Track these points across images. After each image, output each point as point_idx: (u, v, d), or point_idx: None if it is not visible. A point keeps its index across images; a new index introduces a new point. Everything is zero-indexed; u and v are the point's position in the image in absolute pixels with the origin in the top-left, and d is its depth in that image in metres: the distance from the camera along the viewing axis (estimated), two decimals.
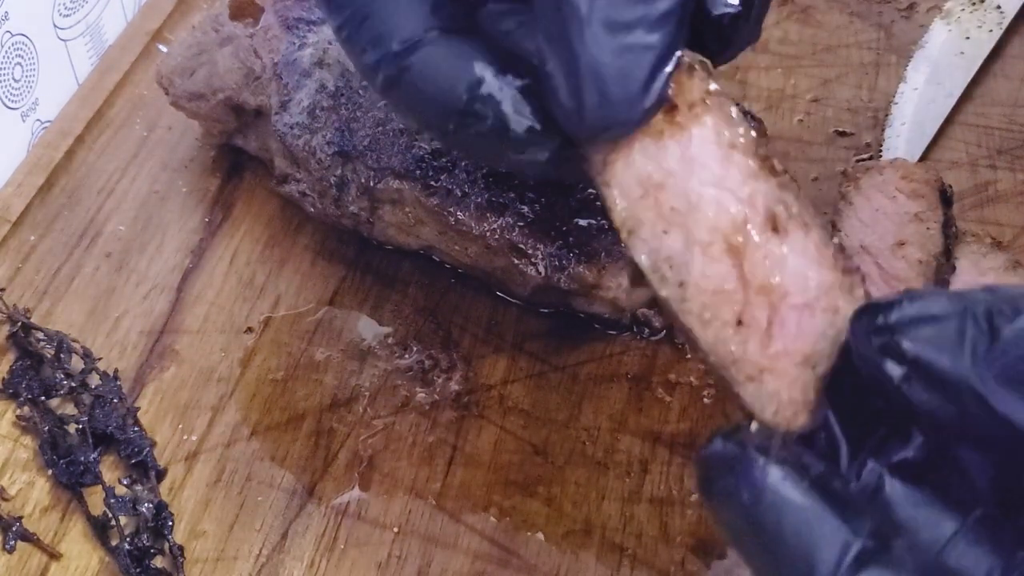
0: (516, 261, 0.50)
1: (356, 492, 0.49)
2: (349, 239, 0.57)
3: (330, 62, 0.55)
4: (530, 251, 0.50)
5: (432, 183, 0.51)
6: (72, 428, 0.50)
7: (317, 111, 0.54)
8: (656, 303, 0.54)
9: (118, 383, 0.52)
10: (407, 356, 0.53)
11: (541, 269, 0.50)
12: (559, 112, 0.36)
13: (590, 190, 0.50)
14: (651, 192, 0.36)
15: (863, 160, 0.59)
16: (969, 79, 0.63)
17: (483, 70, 0.38)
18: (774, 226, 0.35)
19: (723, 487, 0.33)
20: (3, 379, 0.52)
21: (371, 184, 0.53)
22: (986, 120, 0.62)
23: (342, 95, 0.54)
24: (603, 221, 0.50)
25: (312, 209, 0.55)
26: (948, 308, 0.31)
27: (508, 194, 0.50)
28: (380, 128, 0.53)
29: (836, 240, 0.36)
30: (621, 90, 0.35)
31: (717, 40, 0.40)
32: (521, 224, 0.50)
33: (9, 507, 0.48)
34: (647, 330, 0.53)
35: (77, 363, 0.53)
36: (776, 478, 0.32)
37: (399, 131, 0.53)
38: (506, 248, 0.50)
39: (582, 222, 0.50)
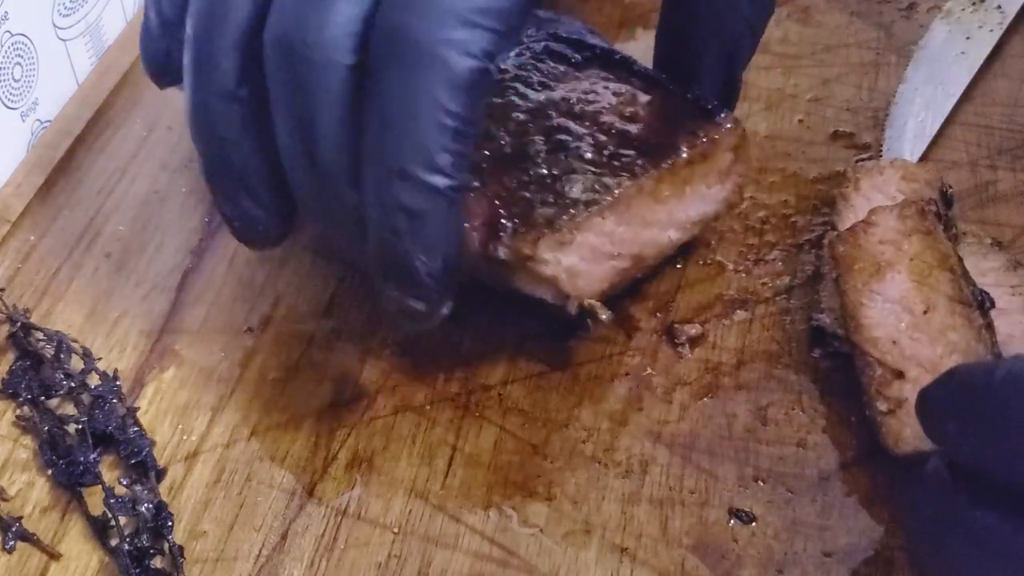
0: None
1: (356, 492, 0.49)
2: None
3: None
4: (470, 219, 0.48)
5: None
6: (72, 428, 0.50)
7: None
8: (603, 295, 0.51)
9: (118, 383, 0.52)
10: (407, 356, 0.53)
11: (476, 235, 0.48)
12: None
13: (543, 168, 0.49)
14: None
15: (863, 160, 0.59)
16: (969, 79, 0.63)
17: None
18: None
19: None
20: (3, 379, 0.52)
21: None
22: (986, 120, 0.62)
23: None
24: (553, 196, 0.48)
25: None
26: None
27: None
28: None
29: None
30: None
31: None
32: (469, 194, 0.48)
33: (9, 507, 0.48)
34: (590, 321, 0.50)
35: (77, 363, 0.53)
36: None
37: None
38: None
39: (528, 194, 0.49)
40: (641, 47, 0.59)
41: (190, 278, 0.57)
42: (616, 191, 0.49)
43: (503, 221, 0.48)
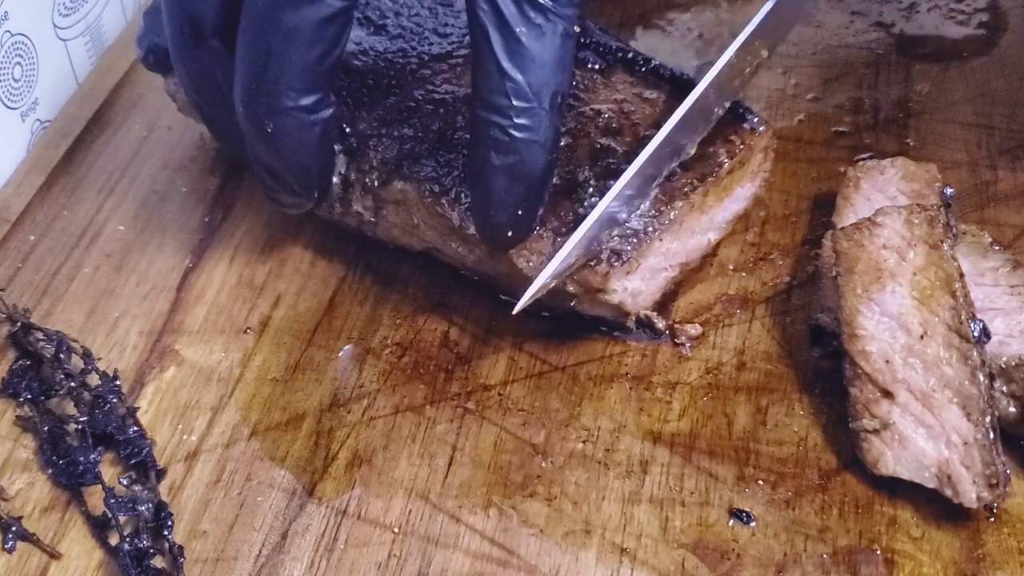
0: (519, 265, 0.50)
1: (356, 492, 0.49)
2: (349, 239, 0.57)
3: None
4: (534, 255, 0.50)
5: (436, 185, 0.51)
6: (72, 428, 0.50)
7: None
8: (658, 306, 0.54)
9: (118, 383, 0.52)
10: (407, 356, 0.53)
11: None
12: None
13: (595, 196, 0.50)
14: None
15: (863, 160, 0.59)
16: None
17: None
18: None
19: None
20: (3, 379, 0.52)
21: (375, 185, 0.53)
22: (986, 120, 0.62)
23: (345, 95, 0.54)
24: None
25: (316, 209, 0.55)
26: None
27: None
28: (384, 129, 0.53)
29: None
30: None
31: None
32: None
33: (9, 507, 0.48)
34: (649, 331, 0.53)
35: (77, 363, 0.53)
36: None
37: (403, 132, 0.53)
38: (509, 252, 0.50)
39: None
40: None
41: (190, 278, 0.57)
42: (672, 214, 0.51)
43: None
